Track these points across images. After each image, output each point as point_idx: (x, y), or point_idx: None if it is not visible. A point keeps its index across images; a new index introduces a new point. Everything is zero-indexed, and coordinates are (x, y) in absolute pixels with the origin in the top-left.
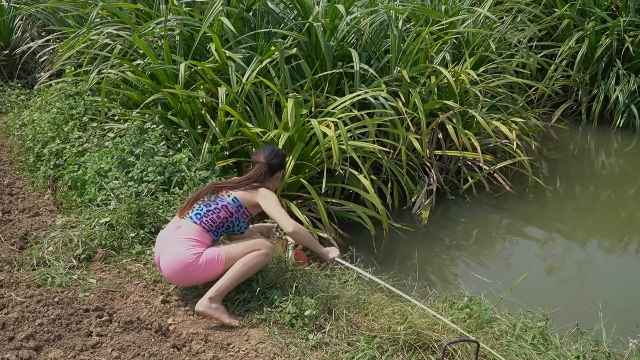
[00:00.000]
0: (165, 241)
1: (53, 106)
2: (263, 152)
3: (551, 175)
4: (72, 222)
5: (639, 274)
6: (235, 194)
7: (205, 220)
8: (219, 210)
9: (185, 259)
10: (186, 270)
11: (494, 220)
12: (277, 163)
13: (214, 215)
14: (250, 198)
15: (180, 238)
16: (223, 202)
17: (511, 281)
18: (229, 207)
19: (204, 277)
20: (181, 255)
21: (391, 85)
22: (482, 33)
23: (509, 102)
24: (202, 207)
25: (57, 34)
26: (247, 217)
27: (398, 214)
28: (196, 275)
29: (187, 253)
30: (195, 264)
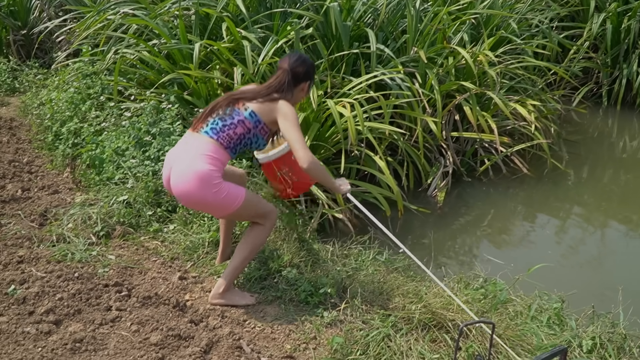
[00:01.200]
0: (179, 157)
1: (70, 86)
2: (289, 58)
3: (570, 159)
4: (91, 199)
5: None
6: (253, 107)
7: (221, 135)
8: (235, 125)
9: (205, 176)
10: (203, 190)
11: (511, 203)
12: (302, 72)
13: (230, 131)
14: (269, 113)
15: (197, 154)
16: (239, 117)
17: (527, 263)
18: (245, 123)
19: (215, 206)
20: (201, 171)
21: (408, 66)
22: (502, 14)
23: (528, 84)
24: (218, 122)
25: (74, 13)
26: (266, 133)
27: (413, 196)
28: (210, 200)
29: (207, 170)
30: (216, 189)
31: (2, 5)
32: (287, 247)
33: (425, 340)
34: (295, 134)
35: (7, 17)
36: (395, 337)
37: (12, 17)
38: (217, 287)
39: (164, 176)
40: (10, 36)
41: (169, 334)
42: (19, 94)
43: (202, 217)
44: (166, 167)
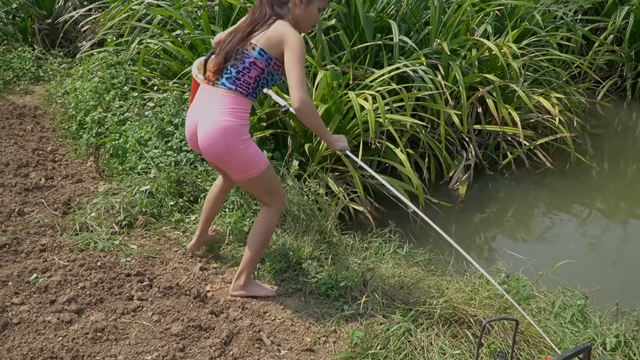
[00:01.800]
0: (203, 113)
1: (95, 75)
2: None
3: (594, 152)
4: (114, 189)
5: None
6: (261, 44)
7: (239, 83)
8: (249, 69)
9: (234, 130)
10: (233, 143)
11: (533, 197)
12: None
13: (246, 77)
14: (277, 45)
15: (221, 109)
16: (250, 59)
17: (549, 258)
18: (257, 63)
19: (240, 163)
20: (229, 126)
21: (431, 58)
22: (526, 5)
23: (552, 77)
24: (231, 70)
25: (98, 3)
26: (279, 68)
27: (435, 189)
28: (239, 155)
29: (235, 124)
30: (245, 145)
31: None
32: (307, 239)
33: (446, 335)
34: (296, 70)
35: (32, 6)
36: (415, 331)
37: (37, 6)
38: (236, 279)
39: (189, 131)
40: (36, 25)
41: (189, 324)
42: (43, 83)
43: (223, 208)
44: (190, 123)
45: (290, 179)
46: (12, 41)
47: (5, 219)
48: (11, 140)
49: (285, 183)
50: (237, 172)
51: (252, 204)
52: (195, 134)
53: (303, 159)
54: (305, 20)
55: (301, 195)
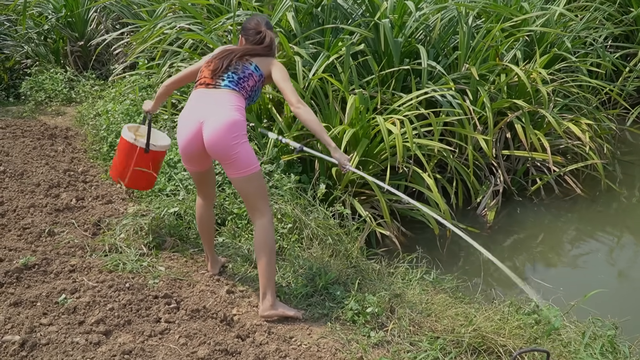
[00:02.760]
0: (211, 110)
1: (126, 97)
2: (263, 23)
3: (625, 180)
4: (143, 210)
5: None
6: (256, 62)
7: (241, 87)
8: (248, 78)
9: (239, 124)
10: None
11: (562, 224)
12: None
13: (245, 84)
14: (267, 67)
15: (229, 105)
16: (249, 70)
17: (579, 287)
18: (254, 76)
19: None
20: (236, 120)
21: (459, 83)
22: (555, 32)
23: (582, 103)
24: (233, 75)
25: (131, 27)
26: (262, 87)
27: (462, 214)
28: (239, 149)
29: (240, 118)
30: (245, 140)
31: (60, 17)
32: (334, 263)
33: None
34: (290, 83)
35: (64, 28)
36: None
37: (70, 29)
38: (262, 300)
39: (192, 131)
40: (68, 47)
41: (216, 348)
42: (75, 104)
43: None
44: (194, 122)
45: (317, 203)
46: (44, 62)
47: (36, 239)
48: (42, 160)
49: (312, 206)
50: (240, 167)
51: (279, 227)
52: (199, 132)
53: (330, 182)
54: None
55: (328, 219)
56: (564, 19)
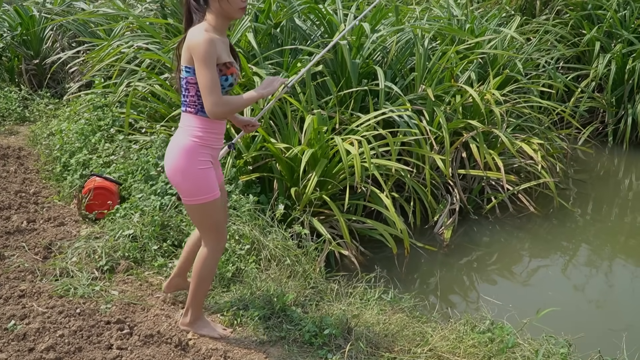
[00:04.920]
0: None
1: (81, 117)
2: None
3: (577, 198)
4: (97, 233)
5: None
6: (184, 63)
7: (187, 103)
8: (187, 89)
9: (189, 147)
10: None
11: (517, 241)
12: None
13: (188, 97)
14: (191, 58)
15: (180, 131)
16: (184, 80)
17: (533, 304)
18: (189, 80)
19: (193, 183)
20: (185, 144)
21: (416, 104)
22: (507, 54)
23: (535, 123)
24: (182, 94)
25: (87, 45)
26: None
27: (420, 233)
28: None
29: (190, 142)
30: (202, 167)
31: (15, 35)
32: (292, 284)
33: None
34: (203, 76)
35: (19, 46)
36: None
37: (25, 47)
38: (184, 317)
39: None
40: (23, 65)
41: None
42: (28, 124)
43: None
44: None
45: (275, 224)
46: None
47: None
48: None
49: (271, 227)
50: (185, 194)
51: (236, 249)
52: None
53: (289, 202)
54: (230, 7)
55: (286, 239)
56: (516, 41)
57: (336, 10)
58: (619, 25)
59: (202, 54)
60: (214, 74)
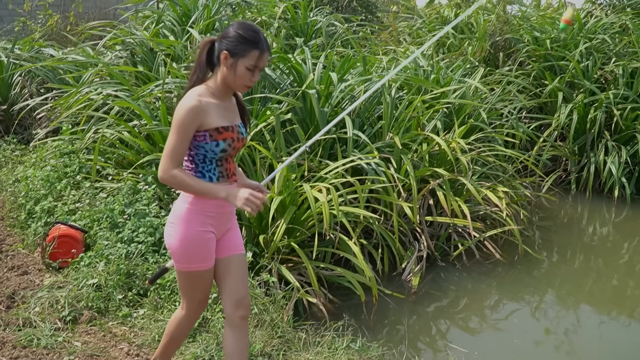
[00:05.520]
0: None
1: (47, 163)
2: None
3: (542, 244)
4: (60, 282)
5: (630, 345)
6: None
7: (183, 166)
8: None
9: (180, 210)
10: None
11: (484, 288)
12: (219, 39)
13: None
14: None
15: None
16: None
17: (500, 352)
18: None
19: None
20: (176, 206)
21: (384, 152)
22: (472, 104)
23: (499, 171)
24: None
25: (56, 92)
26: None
27: (388, 280)
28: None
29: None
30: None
31: None
32: (259, 334)
33: None
34: (168, 139)
35: None
36: None
37: None
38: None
39: None
40: None
41: None
42: None
43: (173, 301)
44: None
45: None
46: None
47: None
48: None
49: None
50: (175, 258)
51: None
52: None
53: (257, 250)
54: (235, 81)
55: (254, 288)
56: (480, 91)
57: (305, 60)
58: (581, 76)
59: (176, 119)
60: (179, 142)
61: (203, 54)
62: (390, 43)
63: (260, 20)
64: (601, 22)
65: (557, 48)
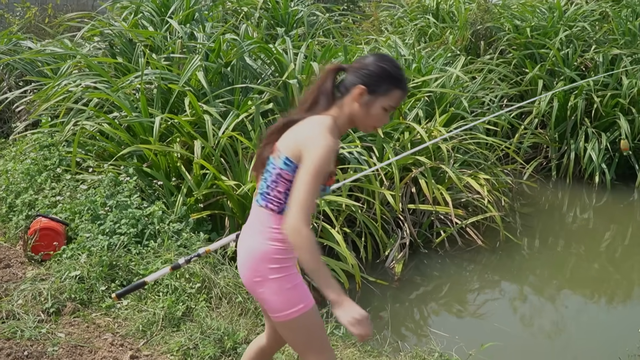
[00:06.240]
0: (243, 232)
1: (27, 157)
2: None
3: (523, 230)
4: (43, 274)
5: (610, 329)
6: (285, 152)
7: (269, 198)
8: (277, 183)
9: (263, 254)
10: (261, 269)
11: (466, 275)
12: (354, 69)
13: (274, 192)
14: (299, 153)
15: (256, 230)
16: (276, 170)
17: (480, 336)
18: (284, 175)
19: (272, 295)
20: (258, 250)
21: (365, 140)
22: (453, 93)
23: (481, 158)
24: (262, 184)
25: (34, 84)
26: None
27: (372, 267)
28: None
29: (266, 247)
30: (280, 275)
31: None
32: (243, 322)
33: None
34: (302, 186)
35: None
36: None
37: None
38: None
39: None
40: None
41: None
42: None
43: (157, 292)
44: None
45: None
46: None
47: None
48: None
49: (222, 265)
50: (271, 310)
51: (186, 287)
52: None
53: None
54: (366, 120)
55: (237, 277)
56: (462, 80)
57: (286, 49)
58: (561, 63)
59: (317, 161)
60: (315, 187)
61: (329, 82)
62: (371, 32)
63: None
64: (581, 10)
65: (538, 36)
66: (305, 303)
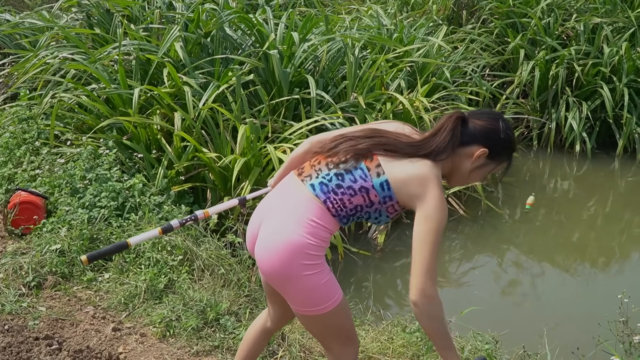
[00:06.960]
0: (273, 210)
1: (6, 130)
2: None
3: (504, 199)
4: (23, 248)
5: (591, 296)
6: (390, 177)
7: (332, 198)
8: (354, 193)
9: (299, 248)
10: (294, 264)
11: (447, 244)
12: (480, 127)
13: (345, 197)
14: (407, 195)
15: (296, 216)
16: (365, 183)
17: (461, 304)
18: (370, 194)
19: (303, 291)
20: (295, 242)
21: (348, 111)
22: (435, 63)
23: None
24: (333, 177)
25: (12, 57)
26: (394, 212)
27: (354, 238)
28: (299, 284)
29: (304, 242)
30: (314, 271)
31: None
32: (226, 293)
33: None
34: (426, 247)
35: None
36: None
37: None
38: None
39: (251, 232)
40: None
41: None
42: None
43: (139, 264)
44: (255, 221)
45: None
46: None
47: None
48: None
49: (204, 237)
50: (298, 304)
51: (168, 260)
52: (255, 237)
53: (222, 212)
54: (463, 178)
55: (219, 249)
56: (444, 50)
57: (267, 20)
58: (542, 33)
59: (439, 220)
60: (437, 248)
61: (457, 131)
62: (353, 2)
63: None
64: None
65: (519, 5)
66: (336, 296)
